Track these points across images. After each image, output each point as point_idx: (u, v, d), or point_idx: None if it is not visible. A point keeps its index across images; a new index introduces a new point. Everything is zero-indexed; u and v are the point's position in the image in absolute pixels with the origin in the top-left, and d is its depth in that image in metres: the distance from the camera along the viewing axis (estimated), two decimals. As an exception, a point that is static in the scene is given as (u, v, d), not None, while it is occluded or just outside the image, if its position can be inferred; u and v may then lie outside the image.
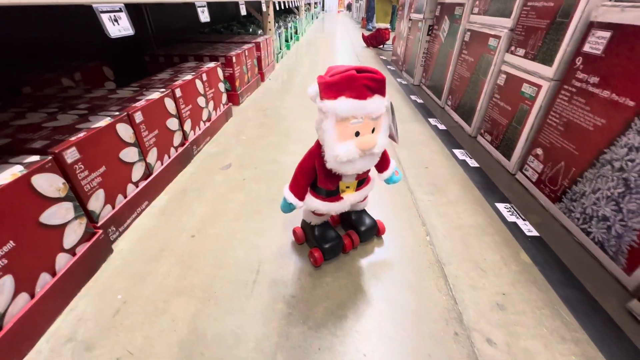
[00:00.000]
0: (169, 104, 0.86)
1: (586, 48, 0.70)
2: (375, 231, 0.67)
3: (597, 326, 0.52)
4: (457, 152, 1.09)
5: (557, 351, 0.48)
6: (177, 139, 0.92)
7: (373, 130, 0.49)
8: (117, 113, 0.69)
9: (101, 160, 0.63)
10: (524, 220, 0.76)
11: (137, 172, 0.74)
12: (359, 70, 0.46)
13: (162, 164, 0.84)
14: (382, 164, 0.60)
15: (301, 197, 0.57)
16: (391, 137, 0.55)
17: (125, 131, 0.69)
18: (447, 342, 0.49)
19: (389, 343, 0.49)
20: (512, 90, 0.96)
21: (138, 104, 0.74)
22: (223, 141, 1.15)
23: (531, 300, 0.56)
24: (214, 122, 1.17)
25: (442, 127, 1.31)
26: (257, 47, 1.78)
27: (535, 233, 0.72)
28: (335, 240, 0.62)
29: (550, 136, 0.79)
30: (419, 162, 1.02)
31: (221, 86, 1.24)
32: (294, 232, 0.67)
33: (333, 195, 0.58)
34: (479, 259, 0.65)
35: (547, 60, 0.82)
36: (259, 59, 1.82)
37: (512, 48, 0.98)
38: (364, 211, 0.69)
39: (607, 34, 0.65)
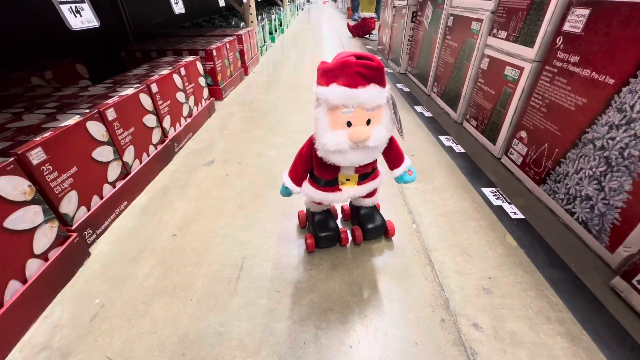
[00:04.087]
0: (145, 100, 0.83)
1: (566, 27, 0.69)
2: (382, 231, 0.64)
3: (582, 305, 0.52)
4: (443, 138, 1.09)
5: (542, 332, 0.48)
6: (155, 136, 0.89)
7: (369, 122, 0.46)
8: (87, 111, 0.66)
9: (71, 161, 0.60)
10: (509, 203, 0.76)
11: (113, 171, 0.71)
12: (359, 56, 0.44)
13: (140, 163, 0.82)
14: (394, 159, 0.57)
15: (298, 183, 0.57)
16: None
17: (97, 129, 0.66)
18: (434, 328, 0.49)
19: (374, 333, 0.48)
20: (496, 73, 0.95)
21: (110, 101, 0.71)
22: (206, 137, 1.12)
23: (516, 282, 0.56)
24: (195, 118, 1.14)
25: (428, 114, 1.30)
26: (239, 39, 1.74)
27: (520, 216, 0.72)
28: (331, 231, 0.61)
29: (534, 118, 0.79)
30: (405, 150, 0.99)
31: (202, 81, 1.21)
32: (299, 214, 0.69)
33: (330, 185, 0.57)
34: (465, 244, 0.64)
35: (529, 42, 0.81)
36: (241, 52, 1.78)
37: (494, 31, 0.97)
38: (374, 208, 0.65)
39: (586, 12, 0.65)
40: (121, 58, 1.36)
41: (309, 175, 0.58)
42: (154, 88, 0.87)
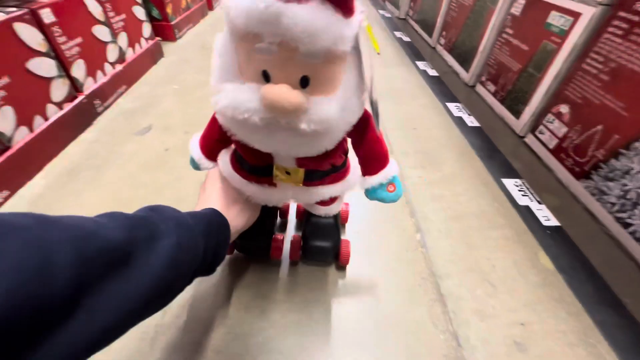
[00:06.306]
0: (29, 35, 0.54)
1: (671, -52, 0.46)
2: (329, 254, 0.43)
3: (648, 369, 0.37)
4: (451, 106, 0.87)
5: (601, 421, 0.33)
6: (57, 91, 0.61)
7: (306, 83, 0.23)
8: None
9: None
10: (539, 202, 0.58)
11: (-28, 148, 0.47)
12: None
13: (31, 131, 0.56)
14: (368, 159, 0.34)
15: (209, 155, 0.37)
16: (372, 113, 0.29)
17: None
18: (448, 415, 0.33)
19: None
20: (534, 22, 0.71)
21: (-51, 32, 0.44)
22: (145, 92, 0.84)
23: (559, 331, 0.40)
24: (131, 65, 0.84)
25: (432, 72, 1.06)
26: (198, -41, 1.35)
27: (554, 222, 0.55)
28: (256, 239, 0.42)
29: (586, 88, 0.58)
30: (405, 121, 0.79)
31: (138, 11, 0.89)
32: None
33: (260, 174, 0.34)
34: (485, 266, 0.47)
35: (596, -26, 0.57)
36: (202, -23, 1.40)
37: (540, -42, 0.70)
38: (331, 220, 0.43)
39: None
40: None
41: (233, 151, 0.36)
42: (47, 17, 0.58)
